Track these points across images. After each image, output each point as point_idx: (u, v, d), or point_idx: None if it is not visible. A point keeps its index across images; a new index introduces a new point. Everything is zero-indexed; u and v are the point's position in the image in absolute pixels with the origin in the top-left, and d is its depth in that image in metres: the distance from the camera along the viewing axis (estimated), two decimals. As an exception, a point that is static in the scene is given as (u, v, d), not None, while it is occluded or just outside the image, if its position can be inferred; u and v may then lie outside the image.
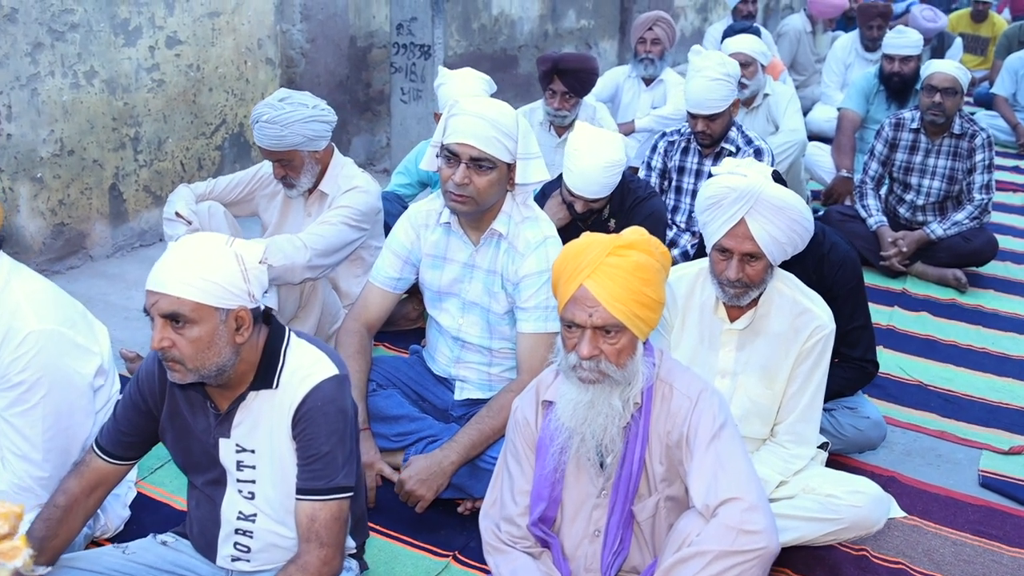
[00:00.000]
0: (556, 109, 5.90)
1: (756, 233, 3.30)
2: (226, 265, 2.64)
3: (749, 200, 3.29)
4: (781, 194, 3.31)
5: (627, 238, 2.73)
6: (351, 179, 4.52)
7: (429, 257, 3.95)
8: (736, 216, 3.31)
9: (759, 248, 3.32)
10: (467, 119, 3.56)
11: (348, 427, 2.82)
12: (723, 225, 3.34)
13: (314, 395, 2.75)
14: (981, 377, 5.19)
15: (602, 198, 4.57)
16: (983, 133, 6.26)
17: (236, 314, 2.68)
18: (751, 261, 3.36)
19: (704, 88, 5.28)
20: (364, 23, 7.57)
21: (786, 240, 3.35)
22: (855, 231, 6.51)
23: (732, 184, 3.33)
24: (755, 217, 3.30)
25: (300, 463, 2.79)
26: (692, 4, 12.90)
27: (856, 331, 4.13)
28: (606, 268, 2.68)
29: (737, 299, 3.45)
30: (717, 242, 3.39)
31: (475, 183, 3.58)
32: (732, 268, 3.36)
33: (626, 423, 2.82)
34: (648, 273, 2.71)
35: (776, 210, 3.29)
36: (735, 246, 3.34)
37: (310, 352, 2.85)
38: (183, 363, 2.64)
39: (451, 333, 3.99)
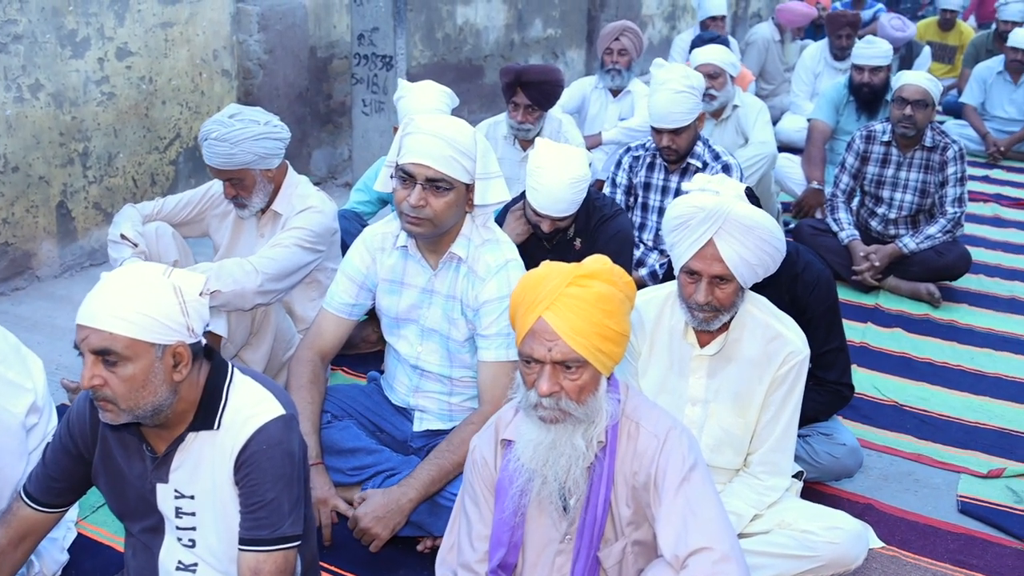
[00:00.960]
0: (520, 122, 5.73)
1: (725, 254, 3.15)
2: (163, 298, 2.46)
3: (717, 220, 3.13)
4: (751, 213, 3.16)
5: (589, 267, 2.57)
6: (305, 198, 4.34)
7: (386, 282, 3.78)
8: (704, 237, 3.15)
9: (729, 270, 3.17)
10: (422, 138, 3.39)
11: (296, 471, 2.64)
12: (691, 246, 3.19)
13: (258, 438, 2.58)
14: (957, 396, 5.05)
15: (569, 216, 4.41)
16: (955, 145, 6.13)
17: (174, 350, 2.50)
18: (721, 284, 3.20)
19: (668, 101, 5.10)
20: (324, 33, 7.39)
21: (757, 261, 3.19)
22: (827, 245, 6.37)
23: (699, 203, 3.18)
24: (724, 238, 3.15)
25: (243, 511, 2.62)
26: (660, 13, 12.77)
27: (831, 353, 4.00)
28: (566, 299, 2.51)
29: (707, 324, 3.29)
30: (685, 264, 3.23)
31: (431, 205, 3.41)
32: (701, 291, 3.21)
33: (590, 463, 2.66)
34: (611, 304, 2.54)
35: (746, 230, 3.14)
36: (704, 268, 3.18)
37: (255, 390, 2.68)
38: (115, 403, 2.47)
39: (409, 361, 3.82)
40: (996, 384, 5.20)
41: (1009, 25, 10.79)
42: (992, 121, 9.97)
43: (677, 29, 12.92)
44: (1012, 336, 5.80)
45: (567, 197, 4.29)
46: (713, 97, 6.68)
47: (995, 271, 6.85)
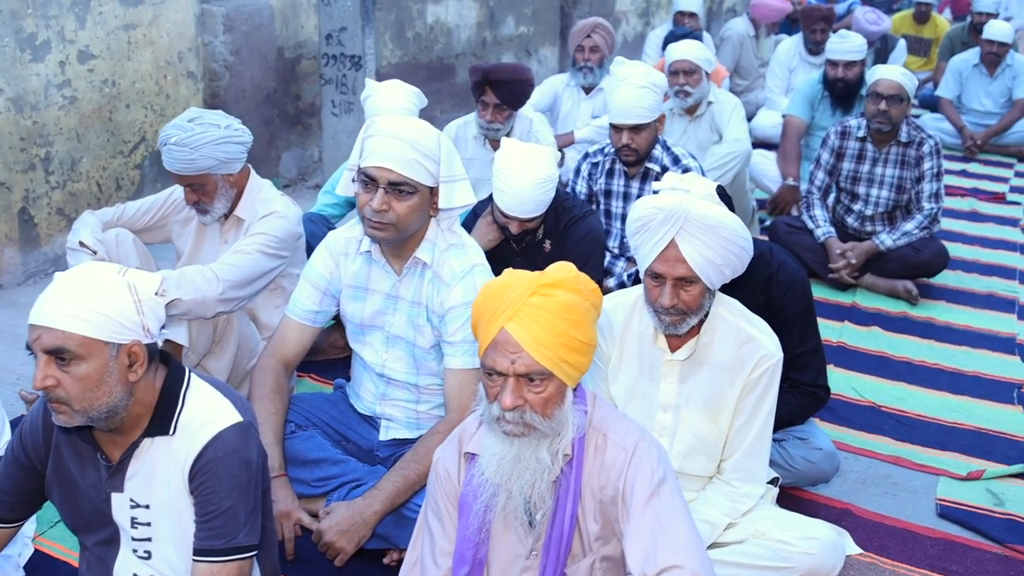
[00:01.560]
0: (489, 122, 5.64)
1: (688, 255, 3.06)
2: (117, 296, 2.41)
3: (678, 220, 3.05)
4: (712, 212, 3.08)
5: (552, 276, 2.48)
6: (268, 203, 4.24)
7: (350, 288, 3.68)
8: (666, 238, 3.07)
9: (693, 271, 3.08)
10: (385, 140, 3.30)
11: (252, 479, 2.57)
12: (653, 248, 3.10)
13: (214, 445, 2.52)
14: (935, 396, 4.98)
15: (537, 217, 4.33)
16: (931, 140, 6.06)
17: (128, 349, 2.45)
18: (686, 286, 3.12)
19: (630, 96, 4.95)
20: (292, 33, 7.28)
21: (722, 261, 3.11)
22: (802, 243, 6.31)
23: (659, 204, 3.09)
24: (686, 238, 3.06)
25: (198, 520, 2.55)
26: (634, 9, 12.69)
27: (806, 355, 3.93)
28: (529, 309, 2.42)
29: (674, 327, 3.20)
30: (649, 267, 3.15)
31: (394, 209, 3.32)
32: (666, 294, 3.12)
33: (556, 477, 2.57)
34: (576, 314, 2.46)
35: (707, 229, 3.05)
36: (667, 271, 3.10)
37: (212, 397, 2.61)
38: (69, 404, 2.40)
39: (375, 369, 3.73)
40: (974, 383, 5.13)
41: (984, 17, 10.75)
42: (968, 114, 9.91)
43: (652, 25, 12.84)
44: (990, 333, 5.74)
45: (534, 198, 4.21)
46: (688, 94, 6.56)
47: (972, 267, 6.79)
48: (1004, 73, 9.65)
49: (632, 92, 4.94)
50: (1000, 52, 9.58)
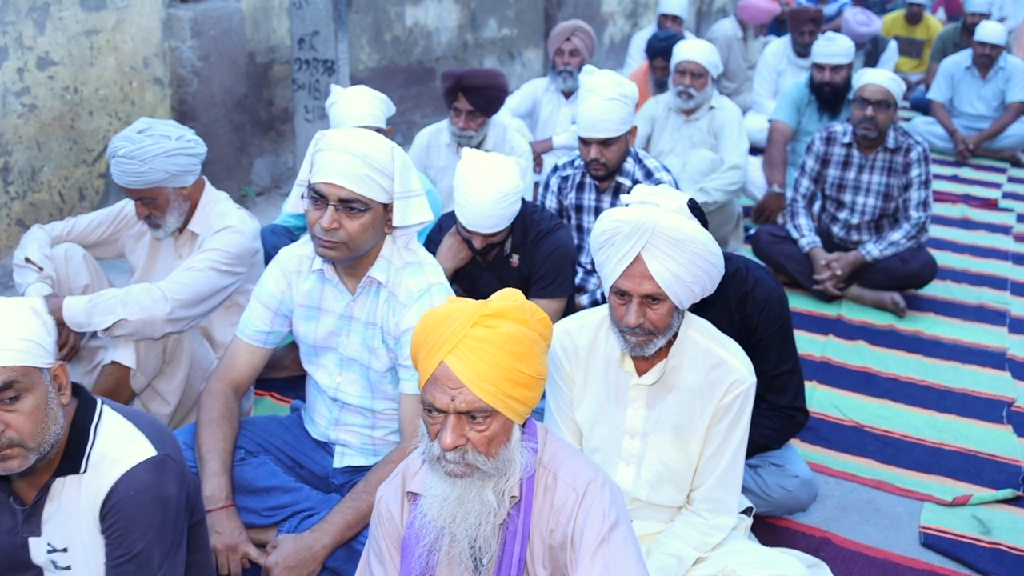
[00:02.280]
0: (462, 129, 5.46)
1: (655, 271, 2.88)
2: (29, 319, 2.32)
3: (644, 234, 2.86)
4: (681, 225, 2.89)
5: (496, 305, 2.29)
6: (223, 217, 4.06)
7: (302, 308, 3.50)
8: (631, 253, 2.89)
9: (660, 288, 2.89)
10: (334, 155, 3.11)
11: (169, 517, 2.41)
12: (618, 264, 2.92)
13: (125, 483, 2.37)
14: (921, 415, 4.80)
15: (501, 231, 4.15)
16: (919, 147, 5.88)
17: (53, 372, 2.37)
18: (653, 304, 2.93)
19: (599, 108, 4.70)
20: (264, 37, 7.08)
21: (691, 278, 2.92)
22: (786, 252, 6.14)
23: (624, 217, 2.91)
24: (653, 253, 2.88)
25: (108, 564, 2.40)
26: (621, 10, 12.50)
27: (783, 376, 3.76)
28: (471, 342, 2.24)
29: (641, 348, 3.02)
30: (614, 284, 2.96)
31: (345, 227, 3.14)
32: (632, 312, 2.93)
33: (503, 519, 2.39)
34: (522, 346, 2.27)
35: (675, 243, 2.87)
36: (633, 287, 2.92)
37: (124, 430, 2.45)
38: (23, 444, 2.31)
39: (328, 392, 3.55)
40: (962, 401, 4.95)
41: (976, 17, 10.57)
42: (961, 118, 9.71)
43: (639, 26, 12.65)
44: (979, 347, 5.55)
45: (495, 212, 4.03)
46: (691, 96, 6.39)
47: (963, 277, 6.59)
48: (997, 76, 9.45)
49: (601, 104, 4.70)
50: (993, 54, 9.39)
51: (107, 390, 3.88)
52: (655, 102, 6.72)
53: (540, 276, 4.31)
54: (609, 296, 3.02)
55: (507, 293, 2.37)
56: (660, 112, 6.66)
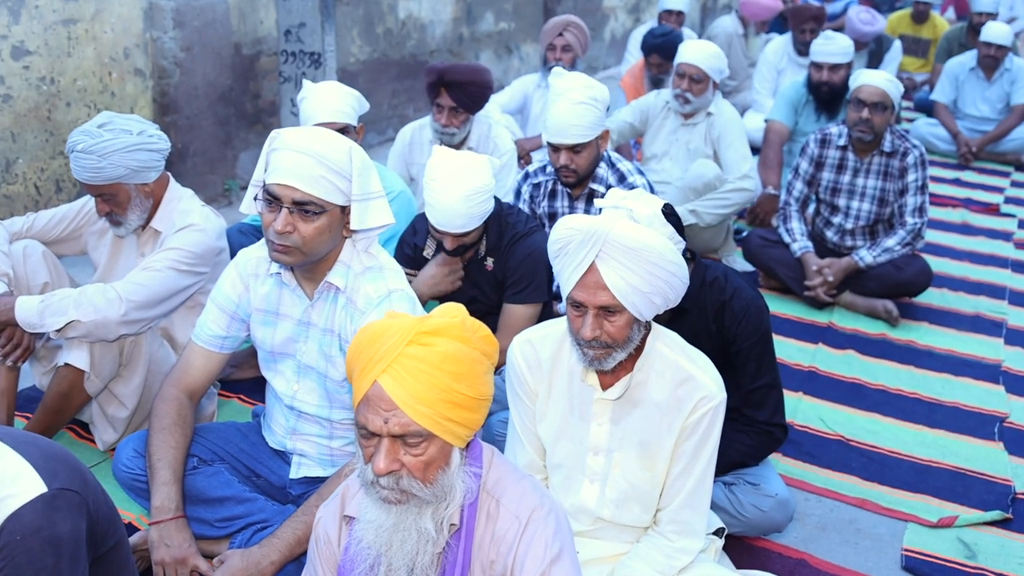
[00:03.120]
0: (444, 126, 5.31)
1: (611, 281, 2.73)
2: None
3: (596, 242, 2.72)
4: (635, 233, 2.73)
5: (434, 322, 2.15)
6: (186, 215, 3.93)
7: (259, 312, 3.36)
8: (585, 262, 2.74)
9: (616, 299, 2.74)
10: (288, 155, 2.97)
11: (64, 559, 2.20)
12: (573, 273, 2.78)
13: (10, 527, 2.15)
14: (910, 429, 4.65)
15: (471, 231, 4.00)
16: (916, 151, 5.72)
17: None
18: (609, 316, 2.79)
19: (568, 113, 4.49)
20: (250, 28, 6.95)
21: (650, 289, 2.77)
22: (778, 257, 5.99)
23: (576, 225, 2.77)
24: (607, 262, 2.73)
25: None
26: (623, 5, 12.35)
27: (762, 391, 3.62)
28: (406, 361, 2.10)
29: (599, 363, 2.87)
30: (569, 295, 2.82)
31: (300, 231, 2.99)
32: (587, 325, 2.79)
33: (442, 548, 2.25)
34: (462, 365, 2.13)
35: (630, 252, 2.72)
36: (588, 298, 2.77)
37: (11, 465, 2.23)
38: None
39: (284, 400, 3.41)
40: (952, 415, 4.79)
41: (983, 17, 10.40)
42: (964, 120, 9.54)
43: (641, 21, 12.49)
44: (973, 359, 5.39)
45: (464, 211, 3.89)
46: (687, 101, 6.21)
47: (959, 284, 6.43)
48: (1002, 77, 9.28)
49: (569, 109, 4.49)
50: (998, 55, 9.21)
51: (60, 393, 3.76)
52: (656, 95, 6.55)
53: (514, 281, 4.17)
54: (567, 307, 2.89)
55: (447, 308, 2.23)
56: (658, 107, 6.49)
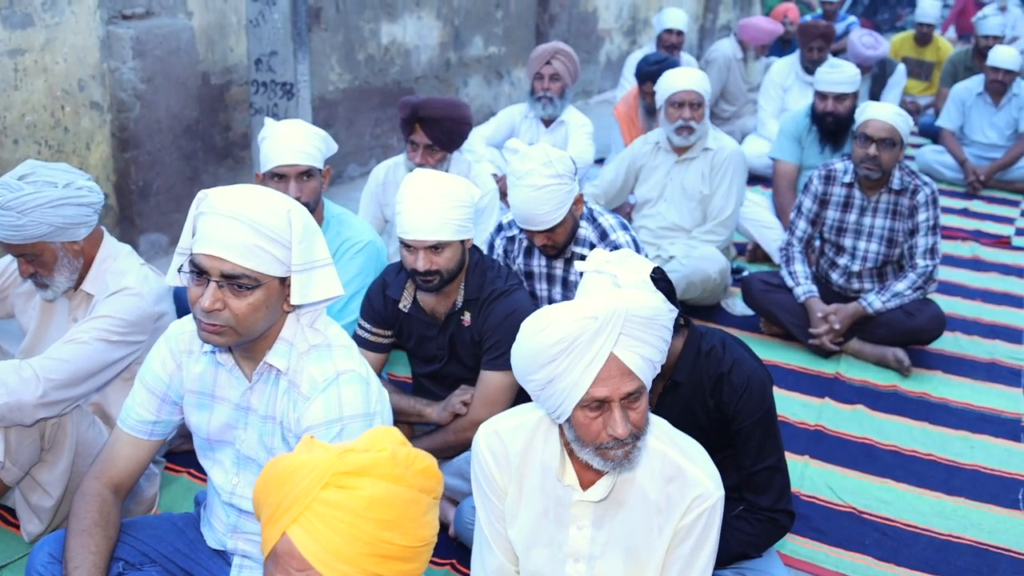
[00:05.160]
0: (419, 164, 4.89)
1: (632, 363, 2.36)
2: None
3: (616, 324, 2.33)
4: (650, 300, 2.40)
5: (356, 459, 1.73)
6: (120, 276, 3.51)
7: (193, 394, 2.94)
8: (603, 352, 2.34)
9: (640, 381, 2.38)
10: (217, 221, 2.56)
11: None
12: (587, 371, 2.35)
13: None
14: (927, 497, 4.23)
15: (446, 247, 3.58)
16: (926, 188, 5.31)
17: None
18: (633, 403, 2.40)
19: (532, 200, 4.05)
20: (219, 57, 6.55)
21: (659, 357, 2.43)
22: (780, 302, 5.57)
23: (590, 312, 2.35)
24: (624, 343, 2.35)
25: None
26: (619, 27, 11.96)
27: (765, 473, 3.23)
28: (321, 508, 1.69)
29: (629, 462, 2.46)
30: (585, 396, 2.38)
31: (231, 308, 2.58)
32: (618, 421, 2.38)
33: None
34: (393, 510, 1.72)
35: (646, 324, 2.36)
36: (613, 391, 2.36)
37: None
38: None
39: (221, 496, 2.99)
40: (972, 480, 4.38)
41: (990, 40, 10.03)
42: (972, 147, 9.14)
43: (637, 44, 12.12)
44: (991, 413, 4.98)
45: (437, 213, 3.47)
46: (691, 131, 5.76)
47: (973, 327, 6.02)
48: (1010, 103, 8.89)
49: (532, 196, 4.04)
50: (1006, 80, 8.82)
51: (-26, 482, 3.35)
52: (642, 141, 6.11)
53: (492, 345, 3.74)
54: (576, 414, 2.44)
55: (377, 436, 1.81)
56: (646, 151, 6.04)
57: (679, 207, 5.87)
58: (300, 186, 4.07)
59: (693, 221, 5.84)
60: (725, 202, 5.80)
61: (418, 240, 3.54)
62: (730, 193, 5.82)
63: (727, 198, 5.80)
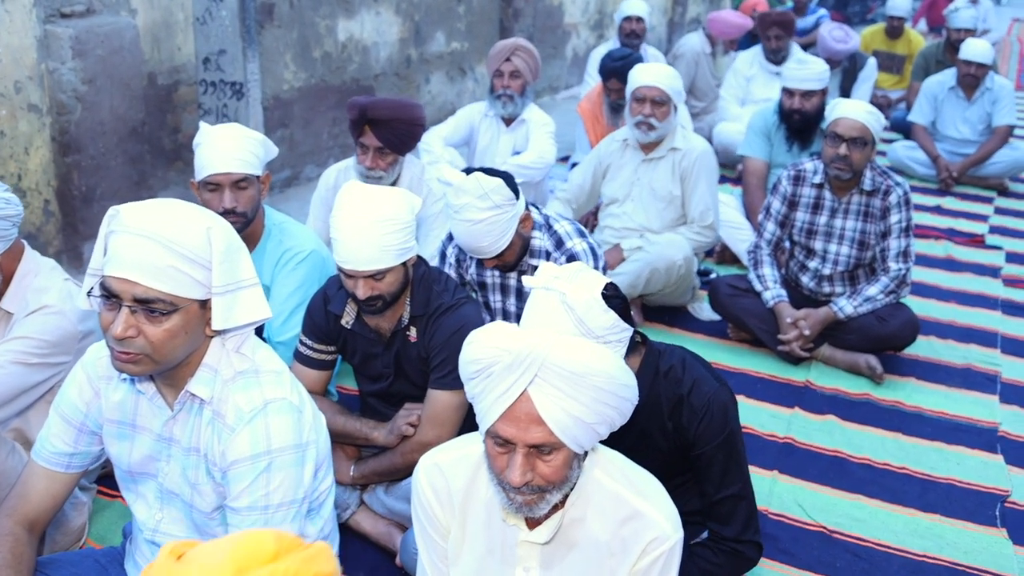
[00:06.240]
0: (369, 168, 4.67)
1: (548, 413, 2.14)
2: None
3: (531, 366, 2.12)
4: (580, 356, 2.15)
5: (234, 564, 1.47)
6: (41, 294, 3.30)
7: (113, 424, 2.72)
8: (514, 390, 2.14)
9: (554, 436, 2.15)
10: (129, 241, 2.35)
11: None
12: (497, 403, 2.16)
13: None
14: (900, 514, 4.05)
15: (387, 274, 3.35)
16: (899, 189, 5.12)
17: None
18: (544, 455, 2.19)
19: (472, 234, 3.84)
20: (166, 57, 6.30)
21: (595, 419, 2.19)
22: (748, 308, 5.38)
23: (504, 344, 2.15)
24: (542, 388, 2.14)
25: None
26: (585, 21, 11.75)
27: (728, 502, 3.05)
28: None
29: (530, 509, 2.27)
30: (491, 427, 2.20)
31: (146, 334, 2.36)
32: (516, 468, 2.18)
33: None
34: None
35: (573, 378, 2.13)
36: (517, 435, 2.17)
37: None
38: None
39: (144, 533, 2.78)
40: (947, 495, 4.20)
41: (961, 34, 9.84)
42: (944, 142, 8.95)
43: (604, 38, 11.91)
44: (967, 422, 4.79)
45: (373, 241, 3.24)
46: (651, 127, 5.52)
47: (948, 331, 5.83)
48: (983, 97, 8.70)
49: (471, 231, 3.83)
50: (978, 74, 8.63)
51: None
52: (609, 140, 5.89)
53: (439, 363, 3.51)
54: (485, 439, 2.27)
55: (251, 549, 1.53)
56: (612, 150, 5.82)
57: (647, 208, 5.65)
58: (235, 195, 3.84)
59: (662, 223, 5.63)
60: (707, 204, 5.59)
61: (357, 271, 3.32)
62: (707, 194, 5.61)
63: (707, 200, 5.59)
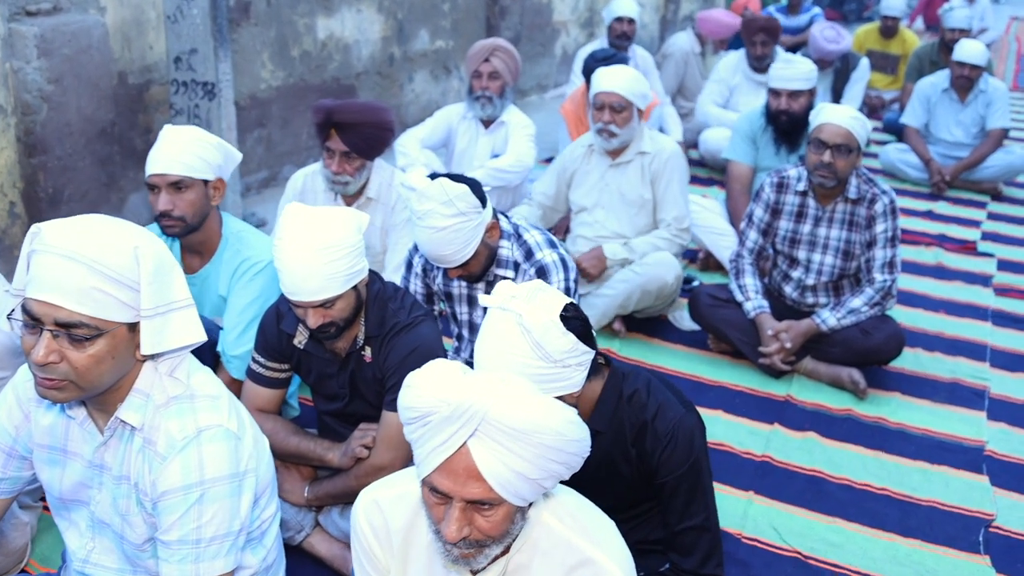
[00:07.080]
0: (336, 173, 4.52)
1: (488, 468, 2.00)
2: None
3: (470, 422, 1.98)
4: (524, 413, 2.00)
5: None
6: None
7: (43, 448, 2.59)
8: (453, 443, 2.00)
9: (493, 492, 2.01)
10: (50, 261, 2.21)
11: None
12: (434, 453, 2.02)
13: None
14: (880, 540, 3.90)
15: (335, 301, 3.20)
16: (885, 197, 4.96)
17: None
18: (484, 510, 2.05)
19: (435, 242, 3.70)
20: (137, 56, 6.14)
21: (540, 475, 2.05)
22: (729, 319, 5.23)
23: (442, 396, 2.01)
24: (483, 442, 2.00)
25: None
26: (575, 19, 11.59)
27: (690, 534, 2.93)
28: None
29: (467, 562, 2.14)
30: (427, 477, 2.06)
31: (69, 360, 2.23)
32: (452, 521, 2.04)
33: None
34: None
35: (515, 435, 1.98)
36: (454, 489, 2.03)
37: None
38: None
39: (73, 564, 2.64)
40: (929, 519, 4.05)
41: (956, 34, 9.70)
42: (937, 145, 8.79)
43: (595, 36, 11.74)
44: (952, 440, 4.64)
45: (318, 271, 3.09)
46: (612, 135, 5.34)
47: (935, 343, 5.66)
48: (977, 99, 8.55)
49: (434, 238, 3.68)
50: (972, 76, 8.47)
51: None
52: (572, 146, 5.73)
53: (393, 384, 3.35)
54: (422, 487, 2.12)
55: None
56: (577, 155, 5.66)
57: (618, 214, 5.50)
58: (172, 198, 3.68)
59: (635, 228, 5.47)
60: (682, 208, 5.45)
61: (304, 302, 3.18)
62: (680, 196, 5.47)
63: (680, 202, 5.45)
